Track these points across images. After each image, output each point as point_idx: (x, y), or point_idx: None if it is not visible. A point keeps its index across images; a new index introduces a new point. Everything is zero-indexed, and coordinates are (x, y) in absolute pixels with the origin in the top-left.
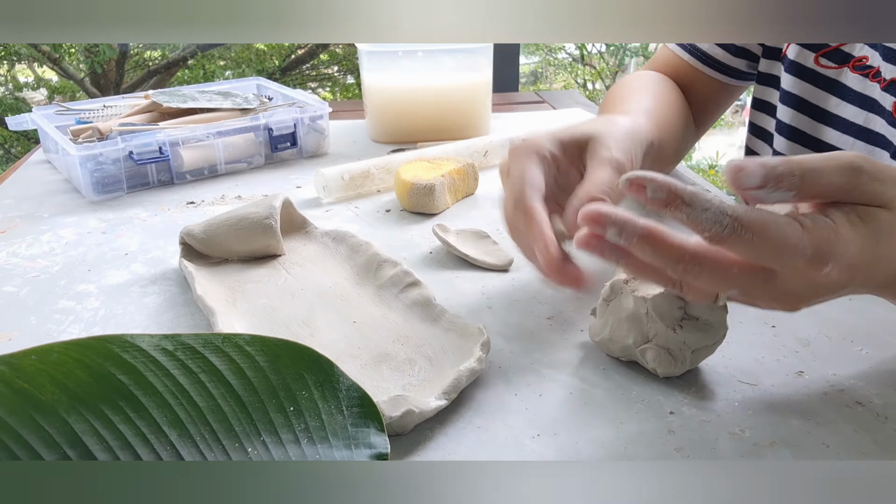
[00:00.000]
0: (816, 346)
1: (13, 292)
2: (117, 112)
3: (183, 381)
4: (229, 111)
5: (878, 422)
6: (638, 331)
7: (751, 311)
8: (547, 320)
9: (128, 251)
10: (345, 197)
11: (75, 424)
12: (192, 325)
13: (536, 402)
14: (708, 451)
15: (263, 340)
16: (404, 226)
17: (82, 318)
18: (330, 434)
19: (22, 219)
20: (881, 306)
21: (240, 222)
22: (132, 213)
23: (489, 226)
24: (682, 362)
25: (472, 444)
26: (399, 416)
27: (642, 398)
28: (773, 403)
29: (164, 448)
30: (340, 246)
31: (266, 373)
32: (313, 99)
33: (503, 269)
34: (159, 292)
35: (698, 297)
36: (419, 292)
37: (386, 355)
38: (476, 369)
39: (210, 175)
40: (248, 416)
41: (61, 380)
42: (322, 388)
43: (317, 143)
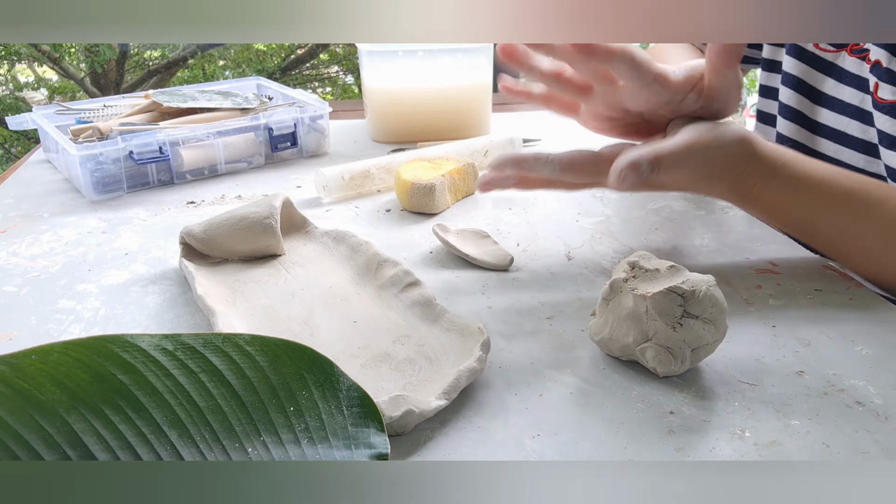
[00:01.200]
0: (816, 345)
1: (13, 292)
2: (117, 112)
3: (183, 381)
4: (229, 111)
5: (878, 421)
6: (638, 329)
7: (751, 311)
8: (547, 320)
9: (128, 251)
10: (345, 197)
11: (75, 424)
12: (192, 324)
13: (536, 401)
14: (708, 451)
15: (263, 340)
16: (404, 226)
17: (82, 318)
18: (330, 434)
19: (22, 218)
20: (882, 306)
21: (240, 222)
22: (132, 212)
23: (489, 225)
24: (682, 361)
25: (473, 444)
26: (399, 415)
27: (642, 398)
28: (774, 403)
29: (165, 448)
30: (340, 246)
31: (266, 373)
32: (313, 98)
33: (503, 269)
34: (159, 292)
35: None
36: (419, 292)
37: (386, 355)
38: (476, 369)
39: (210, 175)
40: (248, 416)
41: (61, 380)
42: (322, 388)
43: (317, 142)
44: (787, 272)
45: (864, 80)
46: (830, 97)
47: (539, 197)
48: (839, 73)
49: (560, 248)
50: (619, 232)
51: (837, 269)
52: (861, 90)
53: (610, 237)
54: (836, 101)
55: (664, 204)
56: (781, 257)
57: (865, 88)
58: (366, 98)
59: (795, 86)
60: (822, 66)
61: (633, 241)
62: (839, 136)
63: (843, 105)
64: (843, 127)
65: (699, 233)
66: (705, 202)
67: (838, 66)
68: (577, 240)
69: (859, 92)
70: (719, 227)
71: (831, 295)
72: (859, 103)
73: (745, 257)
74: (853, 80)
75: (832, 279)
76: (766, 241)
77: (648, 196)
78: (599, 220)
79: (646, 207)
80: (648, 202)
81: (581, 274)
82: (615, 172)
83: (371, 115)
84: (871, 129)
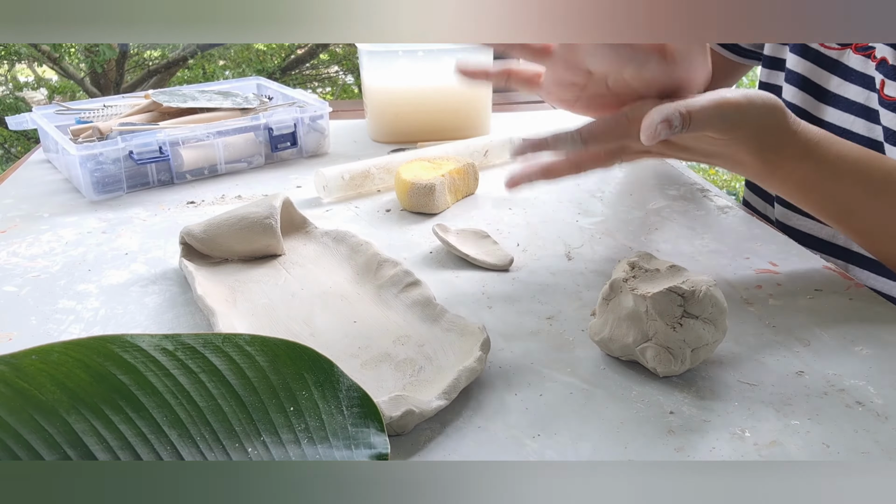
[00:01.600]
0: (816, 345)
1: (13, 292)
2: (117, 112)
3: (183, 381)
4: (229, 111)
5: (878, 421)
6: (638, 329)
7: (751, 311)
8: (547, 320)
9: (128, 251)
10: (345, 197)
11: (76, 424)
12: (192, 324)
13: (536, 401)
14: (708, 451)
15: (263, 340)
16: (404, 226)
17: (82, 318)
18: (330, 434)
19: (22, 218)
20: (882, 306)
21: (240, 222)
22: (132, 212)
23: (489, 226)
24: (682, 361)
25: (473, 444)
26: (399, 416)
27: (642, 398)
28: (774, 403)
29: (165, 448)
30: (341, 246)
31: (266, 373)
32: (313, 98)
33: (503, 269)
34: (159, 292)
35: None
36: (419, 292)
37: (386, 355)
38: (476, 369)
39: (210, 175)
40: (248, 416)
41: (62, 380)
42: (322, 388)
43: (317, 142)
44: (787, 272)
45: (870, 78)
46: (836, 95)
47: (539, 197)
48: (844, 71)
49: (560, 248)
50: (619, 232)
51: (837, 268)
52: (866, 88)
53: (610, 237)
54: (841, 99)
55: (664, 204)
56: (781, 257)
57: (871, 86)
58: (366, 98)
59: (800, 84)
60: (826, 64)
61: (633, 241)
62: (844, 133)
63: (848, 103)
64: (849, 125)
65: (699, 233)
66: (705, 202)
67: (843, 63)
68: (577, 240)
69: (865, 90)
70: (719, 227)
71: (831, 295)
72: (865, 101)
73: (745, 257)
74: (858, 77)
75: (832, 279)
76: (766, 241)
77: (648, 196)
78: (599, 220)
79: (646, 207)
80: (648, 202)
81: (581, 274)
82: (649, 127)
83: (371, 115)
84: (876, 126)
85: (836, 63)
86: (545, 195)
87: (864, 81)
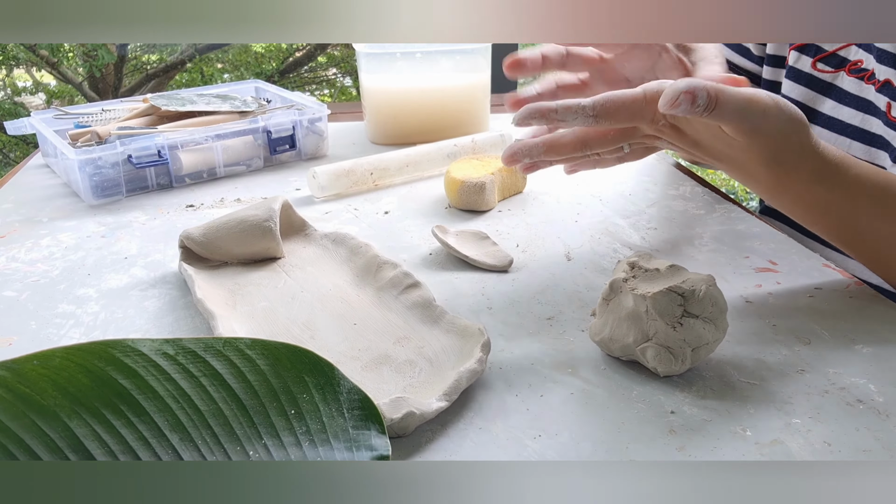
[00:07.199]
0: (817, 344)
1: (13, 297)
2: (116, 116)
3: (184, 385)
4: (228, 114)
5: (879, 420)
6: (638, 329)
7: (751, 310)
8: (547, 320)
9: (127, 255)
10: (340, 194)
11: (77, 429)
12: (192, 328)
13: (537, 402)
14: (709, 451)
15: (264, 344)
16: (404, 227)
17: (82, 323)
18: (331, 436)
19: (21, 223)
20: (882, 304)
21: (239, 225)
22: (131, 216)
23: (488, 226)
24: (683, 360)
25: (473, 445)
26: (400, 417)
27: (643, 398)
28: (774, 402)
29: (166, 452)
30: (340, 248)
31: (267, 376)
32: (312, 101)
33: (503, 270)
34: (159, 296)
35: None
36: (419, 294)
37: (386, 357)
38: (477, 370)
39: (209, 178)
40: (249, 419)
41: (63, 384)
42: (323, 391)
43: (316, 145)
44: (787, 271)
45: (864, 101)
46: (829, 118)
47: (539, 197)
48: (838, 94)
49: (560, 248)
50: (619, 232)
51: (837, 266)
52: (861, 110)
53: (610, 237)
54: (835, 122)
55: (664, 204)
56: (781, 256)
57: (866, 109)
58: (364, 100)
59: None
60: (820, 88)
61: (633, 241)
62: None
63: (842, 125)
64: (845, 148)
65: (699, 232)
66: (705, 201)
67: (837, 86)
68: (577, 240)
69: (859, 112)
70: (719, 226)
71: (831, 293)
72: (860, 123)
73: (745, 256)
74: (852, 100)
75: (832, 277)
76: (766, 240)
77: (648, 196)
78: (599, 220)
79: (646, 207)
80: (648, 202)
81: (581, 274)
82: (672, 94)
83: (369, 116)
84: (873, 149)
85: (829, 86)
86: (545, 195)
87: (858, 104)
